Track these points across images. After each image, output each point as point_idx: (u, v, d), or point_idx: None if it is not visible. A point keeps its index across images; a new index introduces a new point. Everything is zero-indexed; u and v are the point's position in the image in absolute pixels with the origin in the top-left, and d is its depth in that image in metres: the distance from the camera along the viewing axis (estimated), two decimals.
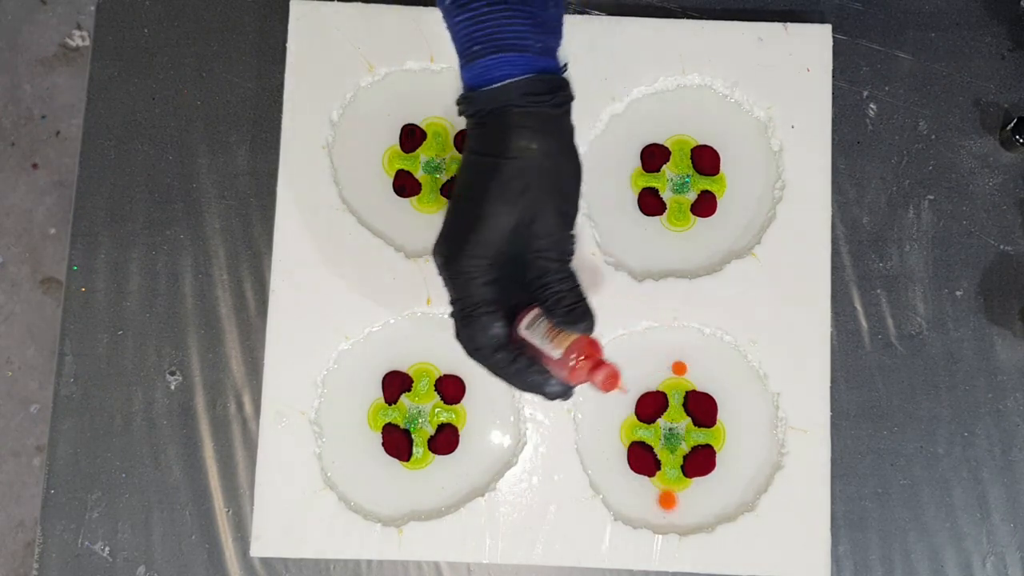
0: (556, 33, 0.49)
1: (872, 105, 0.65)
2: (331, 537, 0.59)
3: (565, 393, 0.49)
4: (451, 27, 0.48)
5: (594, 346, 0.48)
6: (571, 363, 0.47)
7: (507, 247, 0.47)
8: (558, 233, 0.48)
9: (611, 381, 0.48)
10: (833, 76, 0.64)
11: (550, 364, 0.49)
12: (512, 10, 0.46)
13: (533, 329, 0.49)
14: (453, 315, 0.49)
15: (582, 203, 0.61)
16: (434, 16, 0.63)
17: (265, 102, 0.64)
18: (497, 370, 0.49)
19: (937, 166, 0.65)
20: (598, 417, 0.61)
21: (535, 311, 0.49)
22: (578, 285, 0.49)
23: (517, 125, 0.47)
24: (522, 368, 0.49)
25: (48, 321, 1.27)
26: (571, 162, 0.49)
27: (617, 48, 0.63)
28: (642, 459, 0.60)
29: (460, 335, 0.49)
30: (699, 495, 0.60)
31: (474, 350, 0.49)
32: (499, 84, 0.47)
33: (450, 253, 0.48)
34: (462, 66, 0.48)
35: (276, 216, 0.61)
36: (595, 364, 0.48)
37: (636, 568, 0.59)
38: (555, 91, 0.48)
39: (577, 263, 0.58)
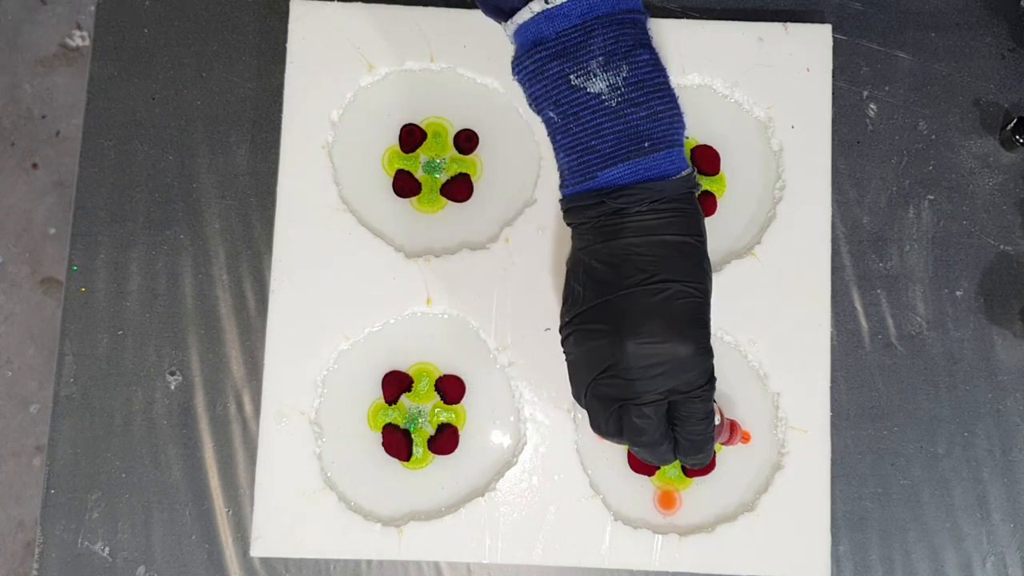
0: None
1: (872, 105, 0.65)
2: (331, 537, 0.59)
3: (705, 463, 0.53)
4: (612, 125, 0.48)
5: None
6: (720, 428, 0.54)
7: None
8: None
9: (746, 436, 0.59)
10: (833, 76, 0.64)
11: None
12: (678, 108, 0.50)
13: None
14: (652, 405, 0.48)
15: None
16: (434, 16, 0.63)
17: (265, 102, 0.64)
18: (697, 443, 0.51)
19: (937, 166, 0.65)
20: None
21: None
22: None
23: (699, 211, 0.50)
24: (671, 447, 0.51)
25: (48, 321, 1.27)
26: None
27: None
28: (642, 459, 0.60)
29: (630, 428, 0.49)
30: (699, 495, 0.60)
31: (686, 429, 0.50)
32: (683, 174, 0.49)
33: (681, 333, 0.48)
34: (618, 163, 0.48)
35: (276, 216, 0.61)
36: (732, 425, 0.56)
37: (636, 568, 0.59)
38: (697, 180, 0.52)
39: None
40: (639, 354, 0.47)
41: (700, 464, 0.53)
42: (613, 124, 0.48)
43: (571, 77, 0.48)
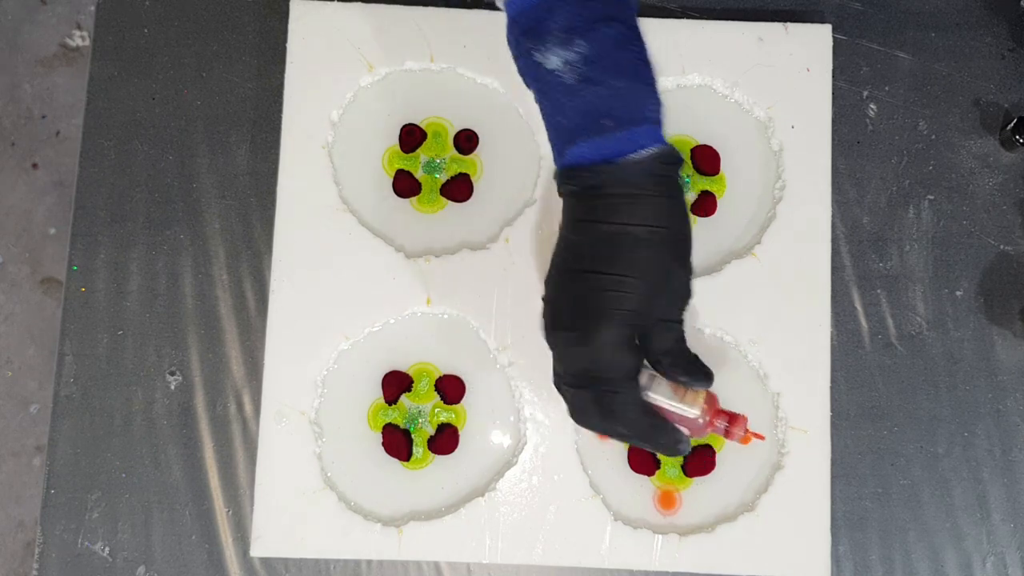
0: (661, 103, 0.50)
1: (872, 105, 0.65)
2: (331, 537, 0.59)
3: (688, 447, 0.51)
4: (571, 102, 0.47)
5: (716, 400, 0.52)
6: (707, 420, 0.51)
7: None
8: (684, 294, 0.49)
9: (748, 434, 0.52)
10: (833, 76, 0.64)
11: (680, 421, 0.51)
12: (647, 85, 0.47)
13: (656, 389, 0.50)
14: (580, 391, 0.48)
15: None
16: (434, 16, 0.63)
17: (265, 102, 0.64)
18: (638, 435, 0.49)
19: (937, 166, 0.65)
20: None
21: (648, 371, 0.50)
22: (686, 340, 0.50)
23: (664, 195, 0.47)
24: (661, 429, 0.49)
25: (48, 321, 1.27)
26: (688, 223, 0.50)
27: None
28: (642, 459, 0.60)
29: (600, 410, 0.48)
30: (699, 495, 0.60)
31: (616, 420, 0.49)
32: (642, 154, 0.47)
33: (592, 327, 0.47)
34: (578, 140, 0.47)
35: (276, 216, 0.61)
36: (731, 418, 0.52)
37: (636, 568, 0.59)
38: (678, 159, 0.48)
39: None
40: (556, 342, 0.48)
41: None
42: (571, 101, 0.47)
43: (534, 54, 0.47)
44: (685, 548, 0.59)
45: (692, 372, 0.50)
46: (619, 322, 0.47)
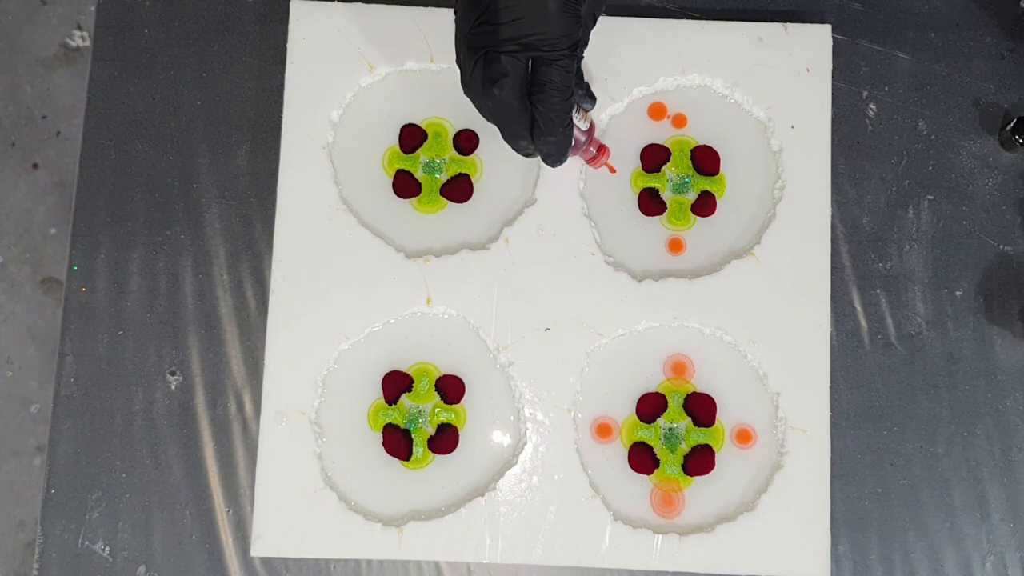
0: None
1: (872, 105, 0.65)
2: (331, 537, 0.59)
3: (560, 159, 0.56)
4: None
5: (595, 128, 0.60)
6: (588, 138, 0.58)
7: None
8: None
9: (609, 165, 0.61)
10: (833, 76, 0.64)
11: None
12: None
13: None
14: (473, 53, 0.50)
15: (582, 203, 0.62)
16: (434, 16, 0.63)
17: (265, 102, 0.64)
18: (504, 114, 0.52)
19: (937, 166, 0.65)
20: (598, 409, 0.61)
21: None
22: None
23: None
24: (524, 118, 0.52)
25: (48, 321, 1.27)
26: None
27: (617, 48, 0.63)
28: (642, 459, 0.60)
29: (485, 77, 0.50)
30: (699, 495, 0.60)
31: (497, 88, 0.50)
32: None
33: None
34: None
35: (276, 216, 0.62)
36: (601, 146, 0.59)
37: (636, 568, 0.59)
38: None
39: (576, 264, 0.60)
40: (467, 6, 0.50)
41: (554, 155, 0.55)
42: None
43: None
44: (685, 548, 0.59)
45: (587, 89, 0.58)
46: None
